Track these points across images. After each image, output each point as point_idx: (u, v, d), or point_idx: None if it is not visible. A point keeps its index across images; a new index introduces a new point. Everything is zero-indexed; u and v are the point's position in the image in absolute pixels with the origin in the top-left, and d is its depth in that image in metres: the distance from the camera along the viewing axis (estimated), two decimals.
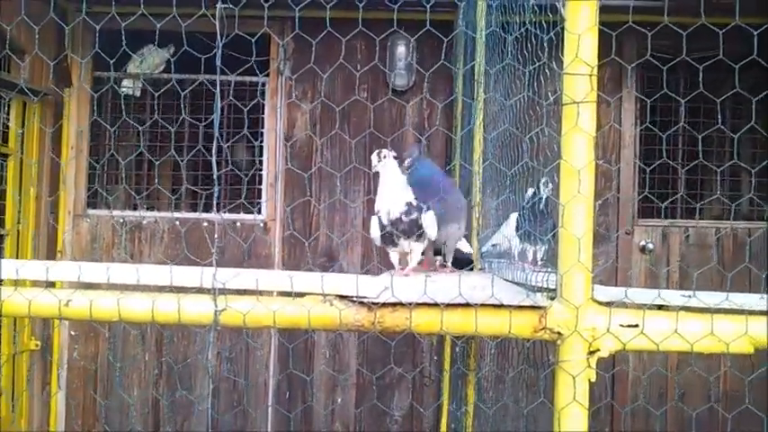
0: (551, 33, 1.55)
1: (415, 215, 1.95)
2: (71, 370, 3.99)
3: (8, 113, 3.66)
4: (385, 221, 1.96)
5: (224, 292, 1.51)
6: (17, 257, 3.74)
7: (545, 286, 1.48)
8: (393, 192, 1.98)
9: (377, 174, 2.03)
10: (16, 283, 1.71)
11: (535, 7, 1.78)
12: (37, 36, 3.34)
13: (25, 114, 3.77)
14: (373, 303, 1.45)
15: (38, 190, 3.85)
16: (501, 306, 1.40)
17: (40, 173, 3.87)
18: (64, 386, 3.98)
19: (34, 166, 3.81)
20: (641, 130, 3.92)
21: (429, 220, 1.97)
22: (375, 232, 2.00)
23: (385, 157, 2.02)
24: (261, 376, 3.95)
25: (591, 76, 1.37)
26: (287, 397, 3.96)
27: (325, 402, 3.95)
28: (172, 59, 3.93)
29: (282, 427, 3.95)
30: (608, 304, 1.40)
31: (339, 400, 3.95)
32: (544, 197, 2.29)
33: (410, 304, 1.43)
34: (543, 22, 1.64)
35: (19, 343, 3.81)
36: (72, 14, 3.83)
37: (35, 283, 1.96)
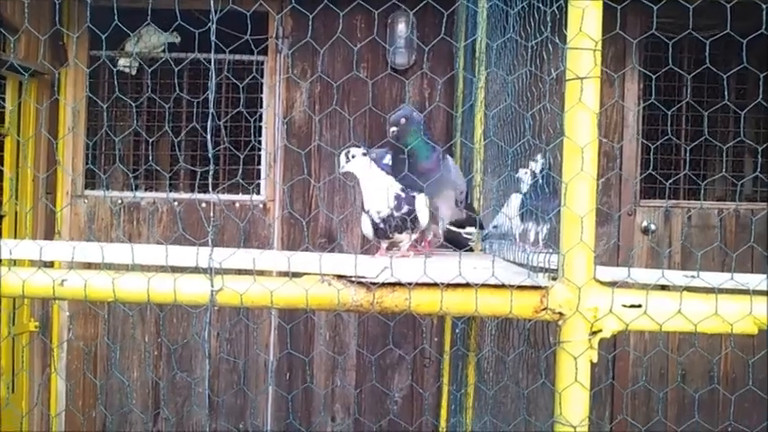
0: (554, 7, 1.51)
1: (406, 208, 1.88)
2: (70, 351, 3.99)
3: (3, 92, 3.62)
4: (377, 220, 1.90)
5: (221, 271, 1.48)
6: (15, 238, 3.72)
7: (547, 266, 1.46)
8: (377, 189, 1.90)
9: (347, 174, 1.94)
10: (13, 263, 1.69)
11: None
12: (26, 12, 3.29)
13: (21, 94, 3.73)
14: (372, 283, 1.42)
15: (34, 170, 3.82)
16: (502, 286, 1.38)
17: (36, 153, 3.83)
18: (63, 367, 3.98)
19: (30, 145, 3.78)
20: (645, 107, 3.88)
21: (421, 206, 1.89)
22: (367, 230, 1.95)
23: (353, 156, 1.91)
24: (260, 357, 3.95)
25: (595, 51, 1.34)
26: (287, 378, 3.96)
27: (325, 383, 3.95)
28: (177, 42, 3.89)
29: (282, 408, 3.95)
30: (610, 284, 1.38)
31: (339, 381, 3.95)
32: (540, 172, 2.26)
33: (410, 284, 1.40)
34: None
35: (18, 324, 3.80)
36: None
37: (32, 264, 1.94)
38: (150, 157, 4.17)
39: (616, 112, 3.89)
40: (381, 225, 1.90)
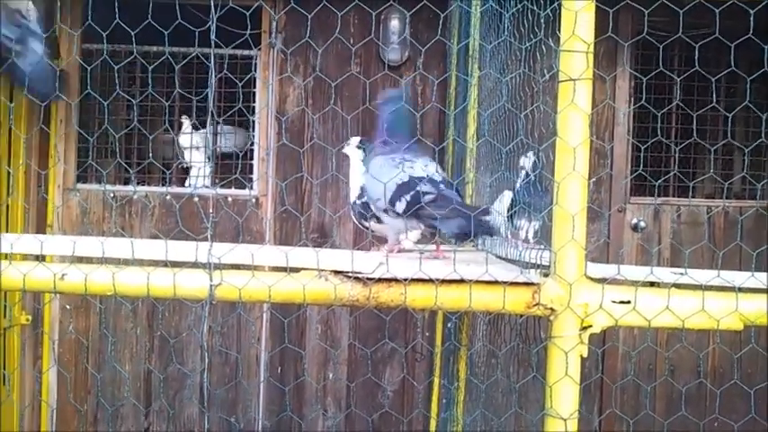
0: (548, 10, 1.54)
1: (365, 198, 2.06)
2: (62, 344, 3.99)
3: None
4: (350, 205, 2.18)
5: (219, 266, 1.51)
6: (7, 231, 3.71)
7: (539, 263, 1.49)
8: (353, 178, 2.18)
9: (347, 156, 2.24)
10: (8, 257, 1.71)
11: None
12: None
13: (13, 86, 3.72)
14: (368, 279, 1.45)
15: (27, 164, 3.82)
16: (495, 282, 1.42)
17: (29, 146, 3.83)
18: (55, 360, 3.98)
19: (23, 139, 3.77)
20: (635, 107, 3.92)
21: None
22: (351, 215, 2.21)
23: (349, 143, 2.22)
24: (253, 350, 3.97)
25: (587, 53, 1.37)
26: (279, 371, 3.99)
27: (318, 377, 3.97)
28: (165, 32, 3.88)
29: (274, 401, 3.98)
30: (600, 281, 1.41)
31: (331, 374, 3.98)
32: (532, 169, 2.30)
33: (405, 280, 1.43)
34: None
35: (10, 317, 3.80)
36: None
37: (26, 258, 1.96)
38: (147, 152, 4.17)
39: (607, 110, 3.93)
40: (353, 211, 2.16)
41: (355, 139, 2.22)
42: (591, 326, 1.38)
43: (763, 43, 1.69)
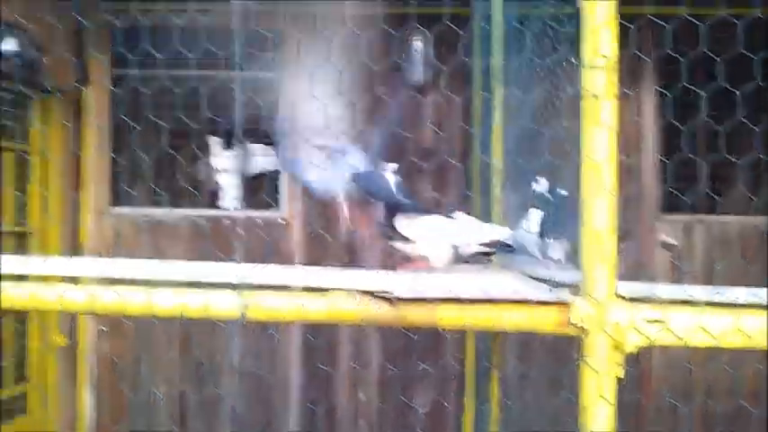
0: (568, 27, 1.54)
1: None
2: (98, 365, 4.05)
3: (30, 112, 3.72)
4: None
5: (250, 287, 1.52)
6: (42, 254, 3.80)
7: (568, 282, 1.48)
8: None
9: None
10: (44, 279, 1.75)
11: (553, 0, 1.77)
12: (56, 35, 3.38)
13: (47, 113, 3.83)
14: (397, 299, 1.45)
15: (61, 188, 3.91)
16: (525, 302, 1.41)
17: (63, 171, 3.92)
18: (91, 381, 4.04)
19: (57, 163, 3.87)
20: (662, 123, 3.88)
21: None
22: None
23: (385, 170, 2.20)
24: (284, 372, 3.98)
25: (610, 69, 1.37)
26: (310, 392, 3.98)
27: (349, 398, 3.97)
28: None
29: (306, 423, 3.98)
30: (632, 300, 1.40)
31: (362, 395, 3.97)
32: (548, 192, 2.30)
33: (434, 300, 1.43)
34: (561, 15, 1.64)
35: (47, 339, 3.87)
36: (91, 12, 3.87)
37: (63, 280, 2.00)
38: (177, 175, 4.23)
39: (633, 126, 3.90)
40: (380, 230, 2.13)
41: (392, 166, 2.23)
42: (623, 345, 1.37)
43: None
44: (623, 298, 1.39)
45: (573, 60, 1.50)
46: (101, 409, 4.02)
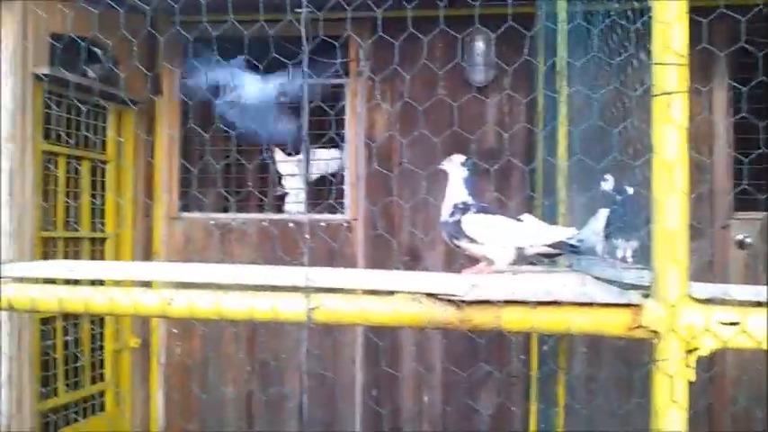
0: (638, 23, 1.51)
1: (457, 217, 2.04)
2: (169, 366, 4.19)
3: (105, 122, 3.89)
4: (440, 222, 2.11)
5: (316, 290, 1.55)
6: (117, 259, 3.96)
7: (638, 283, 1.45)
8: (448, 195, 2.12)
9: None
10: (117, 283, 1.82)
11: None
12: (134, 48, 3.52)
13: (121, 122, 3.99)
14: (462, 301, 1.45)
15: (134, 194, 4.06)
16: (593, 304, 1.38)
17: (136, 178, 4.08)
18: (163, 382, 4.18)
19: (131, 171, 4.02)
20: (735, 118, 3.73)
21: (468, 221, 2.02)
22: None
23: (451, 159, 2.16)
24: (348, 373, 4.02)
25: (682, 65, 1.33)
26: (374, 394, 4.01)
27: (413, 400, 3.97)
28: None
29: (370, 423, 4.01)
30: (706, 301, 1.35)
31: (426, 398, 3.97)
32: (613, 190, 2.24)
33: (499, 302, 1.42)
34: (629, 11, 1.60)
35: (121, 340, 4.03)
36: (163, 25, 4.01)
37: (133, 284, 2.07)
38: (245, 180, 4.34)
39: (705, 123, 3.77)
40: (444, 230, 2.09)
41: (459, 157, 2.16)
42: (697, 348, 1.32)
43: None
44: (696, 299, 1.35)
45: (642, 57, 1.46)
46: (171, 408, 4.16)
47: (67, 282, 1.78)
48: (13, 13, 3.16)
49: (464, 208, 2.06)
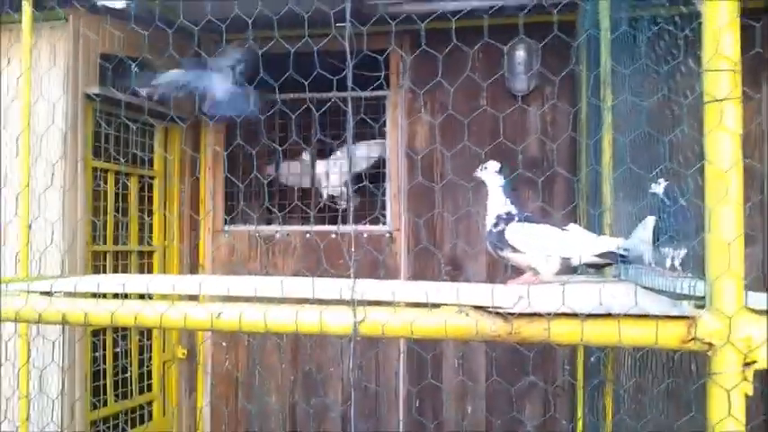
0: (687, 30, 1.48)
1: (501, 226, 2.04)
2: (215, 377, 4.24)
3: (152, 138, 3.98)
4: (485, 233, 2.12)
5: (362, 303, 1.55)
6: (164, 272, 4.04)
7: (691, 294, 1.42)
8: (489, 204, 2.12)
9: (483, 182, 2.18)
10: (165, 296, 1.86)
11: (666, 2, 1.71)
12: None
13: (168, 139, 4.08)
14: (509, 314, 1.44)
15: (181, 209, 4.15)
16: (645, 316, 1.35)
17: (182, 193, 4.16)
18: (208, 392, 4.23)
19: (177, 186, 4.11)
20: None
21: (511, 231, 2.03)
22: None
23: (486, 168, 2.15)
24: (392, 384, 4.02)
25: (734, 72, 1.31)
26: (418, 405, 4.00)
27: (456, 412, 3.94)
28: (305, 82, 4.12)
29: None
30: (764, 312, 1.31)
31: (469, 409, 3.93)
32: (664, 194, 2.19)
33: (548, 314, 1.41)
34: (676, 17, 1.58)
35: (168, 351, 4.10)
36: (208, 43, 4.10)
37: (182, 297, 2.11)
38: (290, 193, 4.38)
39: (756, 129, 3.67)
40: (488, 239, 2.09)
41: (494, 164, 2.15)
42: (755, 361, 1.29)
43: None
44: (754, 311, 1.31)
45: (692, 64, 1.43)
46: (217, 418, 4.21)
47: (115, 295, 1.82)
48: (64, 34, 3.26)
49: (508, 218, 2.05)
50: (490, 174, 2.15)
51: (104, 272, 3.59)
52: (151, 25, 2.32)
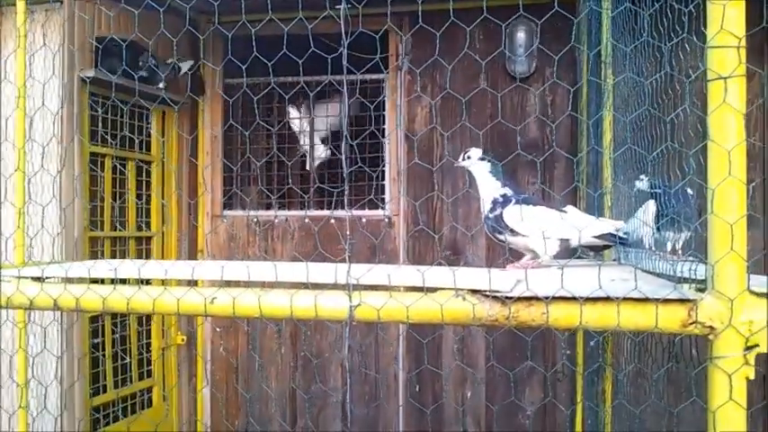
0: (691, 6, 1.44)
1: (498, 211, 2.01)
2: (214, 363, 4.23)
3: (149, 122, 3.94)
4: (482, 219, 2.10)
5: (357, 287, 1.53)
6: (162, 257, 4.02)
7: (691, 277, 1.39)
8: (482, 190, 2.10)
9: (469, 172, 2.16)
10: (163, 282, 1.83)
11: None
12: (174, 48, 3.55)
13: (164, 122, 4.04)
14: (507, 298, 1.41)
15: (178, 193, 4.11)
16: (645, 299, 1.33)
17: (179, 177, 4.13)
18: (208, 379, 4.23)
19: (174, 171, 4.07)
20: None
21: (510, 213, 2.01)
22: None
23: (470, 156, 2.12)
24: (391, 369, 4.01)
25: (738, 48, 1.27)
26: (417, 390, 3.99)
27: (455, 397, 3.94)
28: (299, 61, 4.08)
29: (413, 420, 3.98)
30: (767, 296, 1.29)
31: (469, 394, 3.93)
32: (650, 190, 2.17)
33: (546, 298, 1.38)
34: None
35: (167, 338, 4.09)
36: (203, 25, 4.05)
37: (179, 282, 2.09)
38: (287, 178, 4.35)
39: (756, 109, 3.62)
40: (486, 224, 2.07)
41: (476, 152, 2.12)
42: (757, 345, 1.26)
43: None
44: (756, 293, 1.28)
45: (695, 40, 1.39)
46: (216, 404, 4.20)
47: (113, 281, 1.80)
48: (58, 17, 3.22)
49: (504, 201, 2.02)
50: (474, 162, 2.11)
51: (102, 258, 3.57)
52: (143, 5, 2.28)
